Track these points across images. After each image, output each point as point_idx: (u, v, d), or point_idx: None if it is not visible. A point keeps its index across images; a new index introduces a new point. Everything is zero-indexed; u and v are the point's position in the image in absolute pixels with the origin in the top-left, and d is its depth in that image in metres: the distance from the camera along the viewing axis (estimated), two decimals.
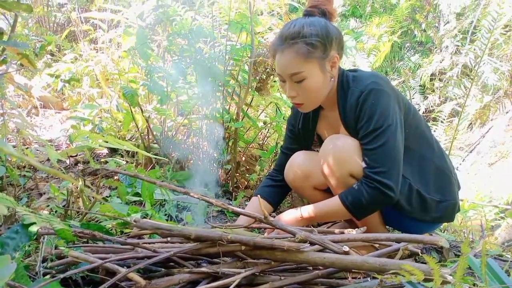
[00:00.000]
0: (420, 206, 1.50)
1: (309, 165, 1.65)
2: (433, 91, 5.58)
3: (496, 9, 3.05)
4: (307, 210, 1.50)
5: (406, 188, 1.47)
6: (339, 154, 1.46)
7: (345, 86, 1.50)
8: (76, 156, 2.36)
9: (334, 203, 1.46)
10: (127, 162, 2.32)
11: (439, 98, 5.34)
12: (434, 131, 4.03)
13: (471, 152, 4.68)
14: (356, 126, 1.45)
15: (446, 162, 1.60)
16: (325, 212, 1.49)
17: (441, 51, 5.47)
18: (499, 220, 2.69)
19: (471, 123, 5.03)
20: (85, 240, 1.24)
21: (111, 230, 1.33)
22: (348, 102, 1.47)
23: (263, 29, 2.43)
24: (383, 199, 1.38)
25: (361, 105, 1.42)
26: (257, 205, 1.66)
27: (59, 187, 1.66)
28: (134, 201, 1.84)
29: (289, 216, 1.52)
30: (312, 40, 1.39)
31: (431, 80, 5.71)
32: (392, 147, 1.40)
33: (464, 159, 4.42)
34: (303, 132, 1.70)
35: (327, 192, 1.64)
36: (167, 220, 1.71)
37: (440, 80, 5.31)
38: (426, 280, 0.90)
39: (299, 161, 1.67)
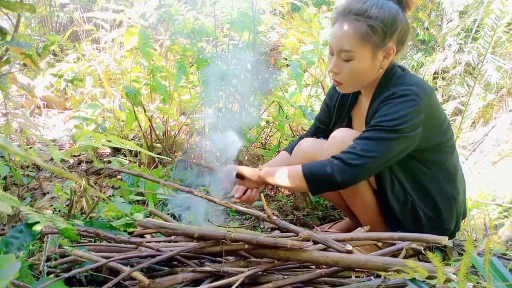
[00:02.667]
0: (412, 218, 1.48)
1: (315, 149, 1.66)
2: (436, 89, 5.56)
3: (499, 7, 3.04)
4: (267, 168, 1.54)
5: (402, 196, 1.47)
6: (341, 145, 1.46)
7: (387, 82, 1.45)
8: (79, 155, 2.37)
9: (295, 167, 1.43)
10: (130, 161, 2.32)
11: (442, 97, 5.32)
12: None
13: (474, 150, 4.66)
14: (371, 118, 1.41)
15: (453, 188, 1.53)
16: (282, 174, 1.45)
17: (444, 49, 5.46)
18: (502, 219, 2.68)
19: (474, 122, 5.01)
20: (90, 239, 1.24)
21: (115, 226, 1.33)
22: (380, 97, 1.42)
23: (265, 28, 2.43)
24: (338, 176, 1.33)
25: (386, 103, 1.36)
26: (280, 160, 1.77)
27: (62, 186, 1.67)
28: (137, 201, 1.84)
29: (249, 169, 1.54)
30: (375, 23, 1.33)
31: (434, 78, 5.69)
32: (384, 149, 1.33)
33: (467, 158, 4.40)
34: (338, 109, 1.68)
35: None
36: None
37: (443, 78, 5.29)
38: (429, 278, 0.90)
39: (305, 145, 1.69)
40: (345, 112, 1.66)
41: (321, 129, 1.78)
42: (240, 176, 1.54)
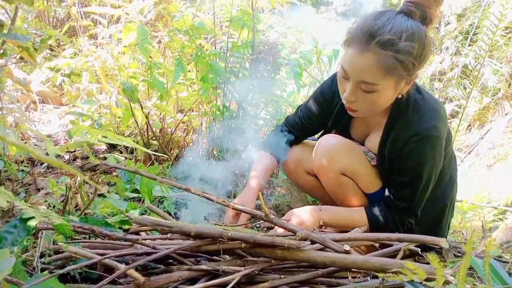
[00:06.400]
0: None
1: (301, 152, 1.67)
2: (433, 91, 5.57)
3: (500, 10, 3.04)
4: (327, 212, 1.49)
5: None
6: (330, 153, 1.48)
7: (402, 105, 1.36)
8: (74, 151, 2.35)
9: (358, 216, 1.47)
10: (126, 158, 2.31)
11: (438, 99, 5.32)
12: None
13: (469, 153, 4.67)
14: (392, 156, 1.40)
15: (448, 199, 1.55)
16: (346, 219, 1.49)
17: (441, 52, 5.46)
18: (497, 221, 2.69)
19: (470, 124, 5.02)
20: (85, 235, 1.22)
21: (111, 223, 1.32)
22: (397, 128, 1.37)
23: (264, 27, 2.42)
24: (401, 229, 1.46)
25: (411, 147, 1.34)
26: (263, 163, 1.65)
27: (57, 182, 1.65)
28: (133, 198, 1.83)
29: (306, 214, 1.48)
30: (404, 58, 1.18)
31: (431, 80, 5.70)
32: (423, 192, 1.41)
33: (462, 160, 4.41)
34: (337, 116, 1.57)
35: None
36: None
37: (440, 80, 5.30)
38: (427, 279, 0.90)
39: (295, 153, 1.69)
40: (345, 120, 1.56)
41: (308, 129, 1.69)
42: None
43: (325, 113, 1.61)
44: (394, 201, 1.44)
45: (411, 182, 1.40)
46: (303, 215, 1.46)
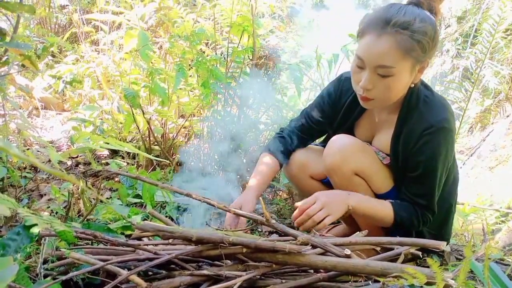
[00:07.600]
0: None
1: (305, 156, 1.66)
2: None
3: (498, 13, 3.05)
4: (355, 197, 1.43)
5: None
6: (344, 153, 1.46)
7: (413, 100, 1.39)
8: (77, 157, 2.36)
9: (385, 207, 1.44)
10: (127, 163, 2.32)
11: None
12: None
13: (471, 155, 4.67)
14: (406, 151, 1.41)
15: (452, 199, 1.57)
16: (373, 208, 1.44)
17: (442, 54, 5.47)
18: (500, 224, 2.68)
19: (471, 127, 5.02)
20: (87, 241, 1.23)
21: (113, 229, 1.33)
22: (410, 123, 1.40)
23: (264, 32, 2.43)
24: (422, 226, 1.46)
25: (426, 140, 1.36)
26: (265, 165, 1.62)
27: (60, 188, 1.66)
28: (135, 203, 1.84)
29: (335, 196, 1.43)
30: (420, 37, 1.23)
31: (432, 83, 5.70)
32: (437, 187, 1.42)
33: (464, 163, 4.41)
34: (344, 116, 1.59)
35: (325, 183, 1.65)
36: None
37: (441, 83, 5.30)
38: (428, 283, 0.90)
39: (299, 156, 1.67)
40: (351, 120, 1.58)
41: (314, 131, 1.69)
42: None
43: (331, 113, 1.62)
44: (412, 198, 1.44)
45: (427, 177, 1.40)
46: (332, 197, 1.42)
